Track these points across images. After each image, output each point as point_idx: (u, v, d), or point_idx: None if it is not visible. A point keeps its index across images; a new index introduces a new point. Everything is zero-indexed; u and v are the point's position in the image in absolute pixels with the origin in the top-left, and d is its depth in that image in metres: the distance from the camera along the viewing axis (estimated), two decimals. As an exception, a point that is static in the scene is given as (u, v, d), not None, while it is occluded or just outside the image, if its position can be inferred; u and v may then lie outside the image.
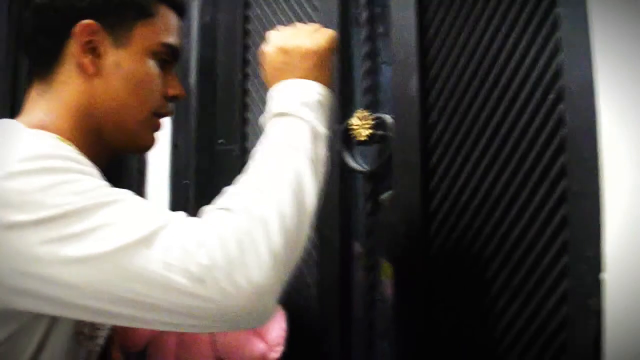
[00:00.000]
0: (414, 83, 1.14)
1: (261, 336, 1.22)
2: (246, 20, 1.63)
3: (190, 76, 1.71)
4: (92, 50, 0.92)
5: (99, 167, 0.87)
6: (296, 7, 1.46)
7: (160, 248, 0.73)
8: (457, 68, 1.09)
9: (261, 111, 1.54)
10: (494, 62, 1.03)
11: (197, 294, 0.72)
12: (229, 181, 0.86)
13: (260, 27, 1.58)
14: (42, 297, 0.75)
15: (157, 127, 1.01)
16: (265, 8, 1.57)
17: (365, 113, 1.25)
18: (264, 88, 1.53)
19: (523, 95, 0.99)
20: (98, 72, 0.92)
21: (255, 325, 0.79)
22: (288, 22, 1.48)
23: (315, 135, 0.89)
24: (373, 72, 1.30)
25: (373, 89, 1.30)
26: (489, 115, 1.04)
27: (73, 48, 0.92)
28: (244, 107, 1.62)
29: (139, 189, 1.80)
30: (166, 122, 1.72)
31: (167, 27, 0.98)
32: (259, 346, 1.21)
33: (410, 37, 1.15)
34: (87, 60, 0.91)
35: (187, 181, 1.71)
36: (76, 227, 0.72)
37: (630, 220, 0.81)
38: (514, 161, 0.99)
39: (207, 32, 1.72)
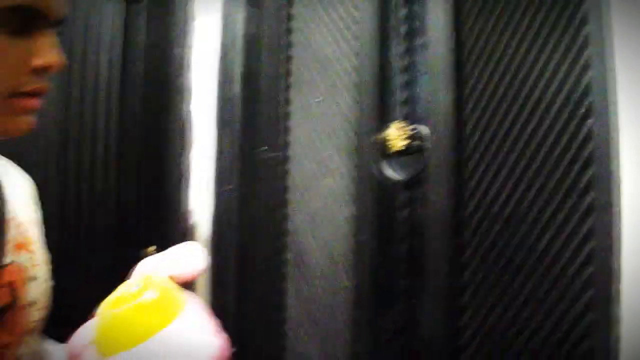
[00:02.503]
0: (449, 96, 1.18)
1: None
2: (289, 32, 1.69)
3: (234, 85, 1.78)
4: None
5: None
6: (337, 20, 1.51)
7: None
8: (491, 83, 1.13)
9: (302, 120, 1.62)
10: (527, 78, 1.07)
11: None
12: (270, 187, 0.91)
13: (303, 39, 1.63)
14: None
15: (24, 109, 0.77)
16: (308, 20, 1.62)
17: (402, 124, 1.30)
18: (306, 98, 1.60)
19: (554, 110, 1.02)
20: None
21: None
22: (330, 33, 1.53)
23: None
24: (410, 84, 1.34)
25: (410, 101, 1.34)
26: (521, 129, 1.07)
27: None
28: (286, 115, 1.68)
29: (182, 193, 1.87)
30: (211, 129, 1.81)
31: None
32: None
33: (446, 51, 1.20)
34: None
35: (230, 186, 1.78)
36: None
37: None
38: (543, 174, 1.03)
39: (251, 43, 1.78)
